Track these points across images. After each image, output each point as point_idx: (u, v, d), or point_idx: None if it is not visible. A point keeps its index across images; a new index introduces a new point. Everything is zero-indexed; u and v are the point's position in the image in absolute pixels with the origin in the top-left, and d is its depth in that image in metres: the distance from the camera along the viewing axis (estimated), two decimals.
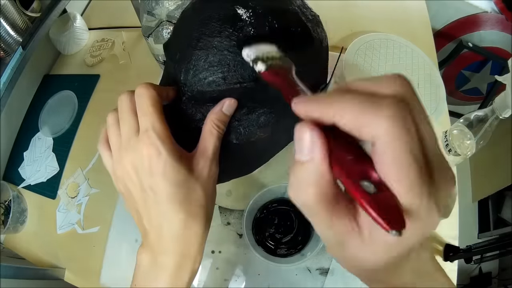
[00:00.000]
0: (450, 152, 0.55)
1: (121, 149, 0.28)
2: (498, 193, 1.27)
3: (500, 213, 1.30)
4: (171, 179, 0.26)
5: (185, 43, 0.31)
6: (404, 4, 0.85)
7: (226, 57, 0.29)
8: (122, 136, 0.28)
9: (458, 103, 1.41)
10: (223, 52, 0.29)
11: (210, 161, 0.28)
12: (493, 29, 1.15)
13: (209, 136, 0.28)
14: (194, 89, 0.31)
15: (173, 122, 0.29)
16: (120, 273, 0.55)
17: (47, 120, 0.71)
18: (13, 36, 0.65)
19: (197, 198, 0.27)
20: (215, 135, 0.28)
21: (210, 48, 0.29)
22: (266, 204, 0.54)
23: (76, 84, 0.74)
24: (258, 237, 0.52)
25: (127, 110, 0.28)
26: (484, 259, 1.14)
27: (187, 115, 0.32)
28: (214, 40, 0.29)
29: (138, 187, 0.27)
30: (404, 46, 0.74)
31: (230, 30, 0.29)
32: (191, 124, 0.31)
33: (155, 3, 0.62)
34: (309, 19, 0.35)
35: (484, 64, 1.22)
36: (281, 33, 0.30)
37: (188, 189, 0.27)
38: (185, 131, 0.30)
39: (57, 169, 0.65)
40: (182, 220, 0.27)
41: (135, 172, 0.27)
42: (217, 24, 0.29)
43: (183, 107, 0.32)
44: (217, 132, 0.29)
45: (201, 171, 0.28)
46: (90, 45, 0.79)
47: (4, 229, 0.59)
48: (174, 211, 0.26)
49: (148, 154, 0.26)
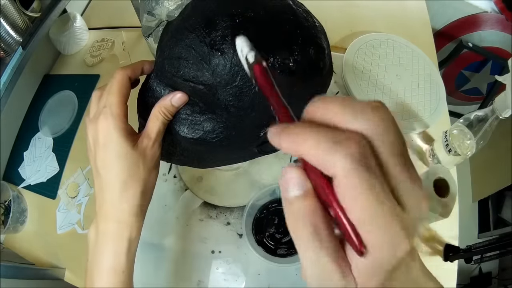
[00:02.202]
0: (450, 152, 0.55)
1: (89, 122, 0.32)
2: (498, 193, 1.27)
3: (500, 213, 1.30)
4: (116, 151, 0.30)
5: (172, 28, 0.33)
6: (404, 4, 0.85)
7: (190, 53, 0.31)
8: (96, 112, 0.32)
9: (458, 103, 1.41)
10: (190, 48, 0.31)
11: (152, 142, 0.31)
12: (493, 29, 1.15)
13: (155, 120, 0.31)
14: (159, 69, 0.33)
15: (144, 95, 0.33)
16: None
17: (47, 120, 0.71)
18: (13, 36, 0.65)
19: (137, 172, 0.31)
20: (160, 120, 0.31)
21: (183, 40, 0.31)
22: (266, 204, 0.54)
23: (76, 84, 0.74)
24: (258, 237, 0.52)
25: (105, 89, 0.33)
26: (484, 259, 1.13)
27: (152, 90, 0.34)
28: (190, 34, 0.31)
29: (93, 157, 0.31)
30: (404, 46, 0.74)
31: (204, 32, 0.30)
32: (154, 100, 0.33)
33: (155, 3, 0.62)
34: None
35: (484, 64, 1.22)
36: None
37: (130, 162, 0.30)
38: (150, 104, 0.33)
39: (57, 169, 0.65)
40: (120, 187, 0.30)
41: (93, 143, 0.31)
42: (198, 21, 0.31)
43: (151, 82, 0.34)
44: (162, 118, 0.31)
45: (144, 149, 0.31)
46: (90, 45, 0.79)
47: (4, 229, 0.59)
48: (115, 178, 0.30)
49: (101, 128, 0.30)
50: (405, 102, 0.67)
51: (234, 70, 0.30)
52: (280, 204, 0.54)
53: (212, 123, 0.33)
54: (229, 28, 0.30)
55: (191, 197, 0.58)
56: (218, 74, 0.30)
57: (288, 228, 0.17)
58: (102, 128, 0.30)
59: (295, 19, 0.33)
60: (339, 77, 0.70)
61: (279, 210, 0.54)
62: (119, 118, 0.30)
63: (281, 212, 0.53)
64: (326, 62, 0.36)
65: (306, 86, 0.34)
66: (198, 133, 0.33)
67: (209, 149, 0.35)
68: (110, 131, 0.30)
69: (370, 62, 0.71)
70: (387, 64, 0.71)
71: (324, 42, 0.36)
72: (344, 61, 0.70)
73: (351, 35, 0.77)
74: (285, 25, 0.32)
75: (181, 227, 0.56)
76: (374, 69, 0.70)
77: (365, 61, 0.71)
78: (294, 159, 0.25)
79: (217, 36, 0.30)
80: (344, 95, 0.68)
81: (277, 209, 0.54)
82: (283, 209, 0.18)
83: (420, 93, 0.68)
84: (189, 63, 0.31)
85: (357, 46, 0.73)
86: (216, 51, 0.30)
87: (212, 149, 0.35)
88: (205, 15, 0.31)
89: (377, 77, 0.69)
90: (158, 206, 0.58)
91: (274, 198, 0.54)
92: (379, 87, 0.68)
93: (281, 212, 0.53)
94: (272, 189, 0.53)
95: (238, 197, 0.57)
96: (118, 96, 0.31)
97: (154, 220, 0.57)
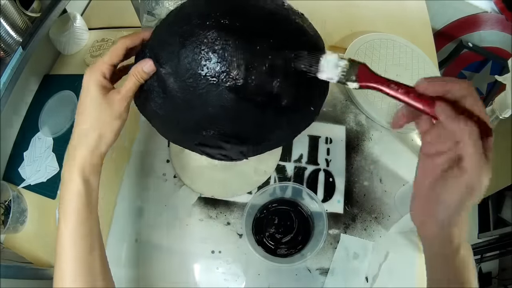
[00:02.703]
0: None
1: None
2: (498, 193, 1.27)
3: (500, 213, 1.30)
4: (89, 97, 0.37)
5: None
6: (404, 4, 0.85)
7: (171, 39, 0.35)
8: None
9: None
10: (171, 35, 0.35)
11: (121, 96, 0.37)
12: (493, 29, 1.15)
13: (129, 79, 0.37)
14: (153, 43, 0.38)
15: (138, 57, 0.39)
16: (120, 273, 0.55)
17: (47, 120, 0.71)
18: (13, 36, 0.65)
19: (100, 116, 0.37)
20: (132, 81, 0.37)
21: (171, 27, 0.36)
22: (266, 204, 0.54)
23: (76, 84, 0.74)
24: (258, 237, 0.52)
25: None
26: (484, 259, 1.14)
27: (143, 55, 0.38)
28: (175, 24, 0.36)
29: (82, 98, 0.38)
30: (404, 46, 0.74)
31: (181, 24, 0.35)
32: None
33: (155, 3, 0.62)
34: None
35: (484, 64, 1.22)
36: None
37: (97, 105, 0.37)
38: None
39: (57, 169, 0.65)
40: (86, 127, 0.37)
41: (84, 88, 0.38)
42: (183, 15, 0.36)
43: (144, 49, 0.39)
44: (135, 79, 0.37)
45: (112, 100, 0.37)
46: (90, 45, 0.79)
47: (4, 229, 0.59)
48: (83, 117, 0.37)
49: (85, 78, 0.37)
50: None
51: (188, 66, 0.33)
52: (280, 204, 0.54)
53: (163, 100, 0.37)
54: (197, 28, 0.33)
55: (187, 193, 0.58)
56: (173, 64, 0.34)
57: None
58: (85, 79, 0.37)
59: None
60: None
61: (279, 210, 0.54)
62: (99, 73, 0.37)
63: (281, 212, 0.54)
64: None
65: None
66: (155, 103, 0.38)
67: (162, 121, 0.40)
68: (89, 81, 0.37)
69: (370, 62, 0.71)
70: (387, 64, 0.72)
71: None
72: None
73: (351, 35, 0.77)
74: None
75: (181, 227, 0.56)
76: (374, 69, 0.70)
77: (365, 61, 0.71)
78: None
79: (186, 31, 0.34)
80: (344, 95, 0.68)
81: (277, 209, 0.54)
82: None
83: None
84: (166, 46, 0.35)
85: (357, 46, 0.73)
86: (180, 43, 0.34)
87: (163, 122, 0.40)
88: (187, 11, 0.36)
89: None
90: (158, 206, 0.58)
91: (274, 198, 0.54)
92: None
93: (281, 212, 0.54)
94: (272, 189, 0.53)
95: (233, 188, 0.57)
96: (107, 57, 0.38)
97: (154, 220, 0.57)
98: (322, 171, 0.60)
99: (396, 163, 0.61)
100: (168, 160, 0.61)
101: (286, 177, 0.59)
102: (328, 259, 0.53)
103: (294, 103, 0.36)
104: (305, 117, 0.41)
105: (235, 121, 0.36)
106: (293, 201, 0.54)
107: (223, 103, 0.34)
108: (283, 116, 0.37)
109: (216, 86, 0.33)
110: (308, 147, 0.62)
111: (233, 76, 0.33)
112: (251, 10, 0.35)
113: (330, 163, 0.61)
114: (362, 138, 0.64)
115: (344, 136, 0.63)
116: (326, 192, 0.58)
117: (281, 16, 0.36)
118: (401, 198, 0.57)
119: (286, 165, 0.60)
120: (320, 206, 0.50)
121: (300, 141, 0.62)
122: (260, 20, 0.34)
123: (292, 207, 0.54)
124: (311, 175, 0.60)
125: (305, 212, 0.53)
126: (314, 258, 0.53)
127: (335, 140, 0.63)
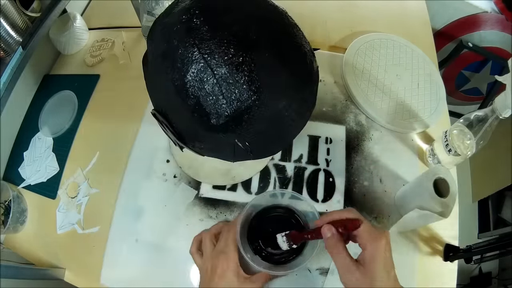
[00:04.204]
0: (450, 152, 0.55)
1: (211, 256, 0.46)
2: (498, 193, 1.27)
3: (500, 213, 1.30)
4: (228, 283, 0.43)
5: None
6: (404, 4, 0.85)
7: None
8: (216, 248, 0.46)
9: (458, 103, 1.42)
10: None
11: (255, 286, 0.44)
12: (493, 29, 1.15)
13: (260, 279, 0.45)
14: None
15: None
16: (120, 273, 0.55)
17: (47, 120, 0.71)
18: (13, 36, 0.65)
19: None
20: (261, 282, 0.46)
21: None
22: (262, 210, 0.50)
23: (76, 84, 0.74)
24: (254, 246, 0.48)
25: (222, 238, 0.47)
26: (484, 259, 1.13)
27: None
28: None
29: (208, 279, 0.44)
30: (404, 46, 0.74)
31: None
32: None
33: (155, 3, 0.62)
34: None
35: (484, 64, 1.22)
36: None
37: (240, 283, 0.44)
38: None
39: (57, 169, 0.65)
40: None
41: (210, 271, 0.44)
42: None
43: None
44: (261, 284, 0.45)
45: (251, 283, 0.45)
46: (90, 45, 0.79)
47: (4, 229, 0.59)
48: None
49: (221, 265, 0.44)
50: (405, 102, 0.67)
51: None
52: (275, 211, 0.51)
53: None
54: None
55: (186, 189, 0.58)
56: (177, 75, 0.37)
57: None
58: (222, 265, 0.43)
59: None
60: (339, 77, 0.70)
61: (277, 217, 0.51)
62: (235, 263, 0.44)
63: (278, 219, 0.50)
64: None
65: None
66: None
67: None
68: (228, 269, 0.43)
69: (370, 62, 0.71)
70: (387, 64, 0.72)
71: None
72: (344, 61, 0.70)
73: (351, 35, 0.77)
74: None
75: (181, 227, 0.56)
76: (374, 69, 0.70)
77: (365, 61, 0.71)
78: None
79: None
80: (344, 95, 0.68)
81: (275, 216, 0.51)
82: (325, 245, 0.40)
83: (420, 93, 0.69)
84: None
85: (357, 46, 0.73)
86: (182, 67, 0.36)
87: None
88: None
89: (377, 77, 0.69)
90: (158, 206, 0.58)
91: (272, 204, 0.51)
92: (379, 87, 0.68)
93: (278, 220, 0.50)
94: (271, 193, 0.50)
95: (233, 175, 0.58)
96: (233, 246, 0.45)
97: (155, 220, 0.57)
98: (322, 171, 0.60)
99: (396, 163, 0.61)
100: (168, 160, 0.61)
101: (286, 177, 0.59)
102: (328, 259, 0.53)
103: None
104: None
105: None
106: (289, 208, 0.51)
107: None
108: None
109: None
110: (308, 147, 0.62)
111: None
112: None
113: (330, 163, 0.61)
114: (362, 138, 0.64)
115: (344, 136, 0.63)
116: (326, 192, 0.58)
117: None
118: (401, 198, 0.57)
119: (286, 165, 0.60)
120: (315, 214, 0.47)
121: (300, 141, 0.62)
122: None
123: (287, 213, 0.51)
124: (311, 175, 0.60)
125: (302, 221, 0.50)
126: (314, 258, 0.53)
127: (335, 140, 0.63)
